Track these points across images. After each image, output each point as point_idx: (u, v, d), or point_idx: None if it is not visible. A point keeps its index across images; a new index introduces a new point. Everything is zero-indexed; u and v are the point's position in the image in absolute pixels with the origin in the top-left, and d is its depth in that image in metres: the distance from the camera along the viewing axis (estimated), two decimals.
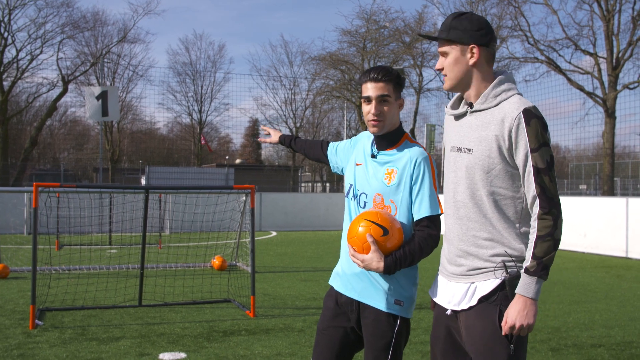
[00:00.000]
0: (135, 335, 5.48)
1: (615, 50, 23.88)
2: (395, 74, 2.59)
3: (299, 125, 40.78)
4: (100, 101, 17.08)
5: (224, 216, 10.79)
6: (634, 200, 12.32)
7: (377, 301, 2.55)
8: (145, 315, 6.32)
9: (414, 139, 2.69)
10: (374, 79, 2.57)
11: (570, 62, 25.76)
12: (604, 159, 24.72)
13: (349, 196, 2.73)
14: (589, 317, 6.47)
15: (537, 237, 2.12)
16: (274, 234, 17.57)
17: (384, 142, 2.65)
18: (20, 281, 8.31)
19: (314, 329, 5.67)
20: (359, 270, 2.59)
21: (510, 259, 2.21)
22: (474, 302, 2.23)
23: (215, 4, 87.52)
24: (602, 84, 24.27)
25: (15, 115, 36.37)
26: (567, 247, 13.29)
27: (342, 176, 3.04)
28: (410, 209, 2.56)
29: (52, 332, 5.52)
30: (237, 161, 46.44)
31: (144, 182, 26.08)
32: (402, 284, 2.56)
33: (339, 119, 38.52)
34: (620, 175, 32.67)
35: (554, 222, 2.12)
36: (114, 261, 10.20)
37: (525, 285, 2.13)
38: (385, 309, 2.54)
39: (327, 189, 43.94)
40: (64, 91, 33.66)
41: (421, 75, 30.95)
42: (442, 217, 2.54)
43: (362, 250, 2.46)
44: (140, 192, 10.73)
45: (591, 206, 13.31)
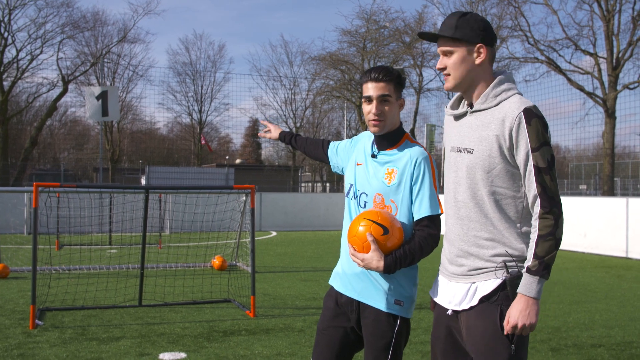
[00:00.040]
0: (135, 335, 5.48)
1: (615, 50, 23.88)
2: (396, 74, 2.59)
3: (299, 125, 40.76)
4: (100, 101, 17.09)
5: (224, 216, 10.79)
6: (634, 200, 12.32)
7: (377, 301, 2.55)
8: (145, 315, 6.32)
9: (414, 139, 2.69)
10: (375, 79, 2.57)
11: (570, 62, 25.78)
12: (604, 159, 24.72)
13: (349, 196, 2.72)
14: (589, 317, 6.47)
15: (539, 236, 2.12)
16: (274, 234, 17.57)
17: (384, 142, 2.65)
18: (20, 281, 8.31)
19: (314, 329, 5.66)
20: (359, 270, 2.59)
21: (511, 258, 2.21)
22: (475, 302, 2.23)
23: (215, 4, 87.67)
24: (602, 84, 24.27)
25: (15, 115, 36.37)
26: (567, 247, 13.29)
27: (342, 176, 3.03)
28: (410, 208, 2.55)
29: (52, 332, 5.52)
30: (237, 161, 46.43)
31: (144, 182, 26.09)
32: (402, 284, 2.56)
33: (339, 119, 38.56)
34: (620, 175, 32.66)
35: (555, 222, 2.12)
36: (114, 261, 10.20)
37: (527, 284, 2.13)
38: (385, 309, 2.54)
39: (327, 189, 43.95)
40: (64, 91, 33.66)
41: (421, 75, 30.97)
42: (442, 217, 2.54)
43: (362, 249, 2.46)
44: (140, 192, 10.73)
45: (591, 206, 13.30)
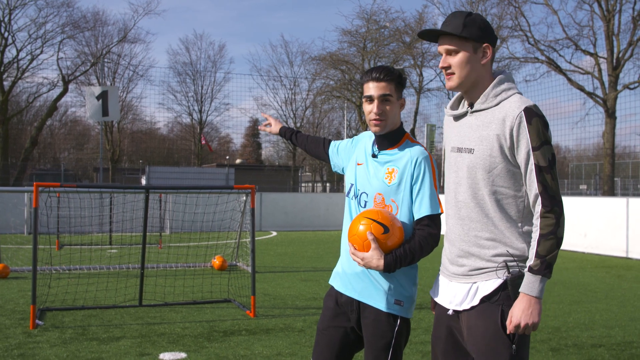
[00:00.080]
0: (135, 335, 5.47)
1: (615, 50, 23.88)
2: (397, 74, 2.59)
3: (299, 125, 40.78)
4: (100, 101, 17.10)
5: (224, 216, 10.79)
6: (634, 200, 12.31)
7: (377, 301, 2.55)
8: (145, 315, 6.32)
9: (414, 138, 2.69)
10: (376, 79, 2.57)
11: (570, 62, 25.78)
12: (604, 159, 24.71)
13: (349, 196, 2.72)
14: (589, 317, 6.46)
15: (540, 235, 2.12)
16: (274, 234, 17.57)
17: (385, 141, 2.65)
18: (20, 281, 8.31)
19: (314, 329, 5.66)
20: (359, 269, 2.59)
21: (512, 258, 2.21)
22: (476, 302, 2.23)
23: (215, 4, 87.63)
24: (602, 84, 24.26)
25: (15, 115, 36.36)
26: (568, 247, 13.28)
27: (342, 176, 3.03)
28: (411, 208, 2.55)
29: (52, 332, 5.52)
30: (238, 161, 46.41)
31: (144, 182, 26.11)
32: (402, 284, 2.56)
33: (339, 119, 38.57)
34: (620, 175, 32.65)
35: (556, 220, 2.12)
36: (114, 261, 10.20)
37: (529, 284, 2.12)
38: (385, 309, 2.53)
39: (328, 189, 43.95)
40: (64, 91, 33.65)
41: (421, 75, 30.98)
42: (442, 217, 2.54)
43: (362, 248, 2.46)
44: (140, 192, 10.73)
45: (591, 206, 13.30)
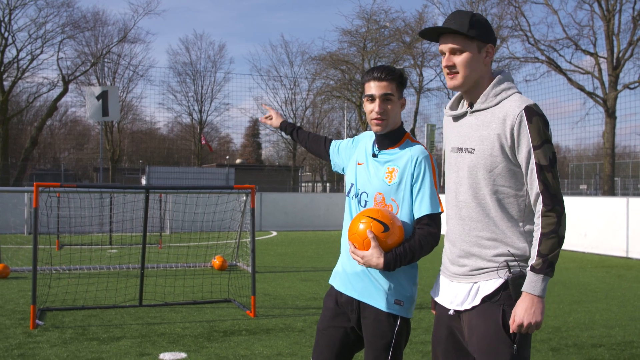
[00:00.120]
0: (135, 335, 5.47)
1: (615, 50, 23.87)
2: (398, 73, 2.60)
3: (299, 125, 40.76)
4: (100, 101, 17.10)
5: (225, 216, 10.79)
6: (634, 200, 12.31)
7: (377, 301, 2.55)
8: (145, 315, 6.31)
9: (414, 138, 2.69)
10: (377, 78, 2.57)
11: (570, 62, 25.76)
12: (605, 158, 24.70)
13: (350, 195, 2.72)
14: (590, 317, 6.46)
15: (542, 234, 2.12)
16: (274, 234, 17.57)
17: (385, 141, 2.65)
18: (20, 281, 8.31)
19: (314, 329, 5.66)
20: (360, 269, 2.59)
21: (513, 258, 2.21)
22: (477, 302, 2.23)
23: (215, 4, 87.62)
24: (602, 83, 24.26)
25: (15, 115, 36.36)
26: (568, 247, 13.28)
27: (342, 176, 3.03)
28: (411, 207, 2.55)
29: (52, 332, 5.52)
30: (238, 161, 46.40)
31: (144, 182, 26.10)
32: (402, 284, 2.56)
33: (339, 118, 38.57)
34: (620, 175, 32.64)
35: (557, 219, 2.12)
36: (114, 261, 10.20)
37: (531, 283, 2.12)
38: (385, 309, 2.53)
39: (328, 188, 43.95)
40: (64, 91, 33.65)
41: (421, 75, 30.98)
42: (443, 217, 2.53)
43: (362, 246, 2.46)
44: (140, 192, 10.72)
45: (592, 206, 13.30)
